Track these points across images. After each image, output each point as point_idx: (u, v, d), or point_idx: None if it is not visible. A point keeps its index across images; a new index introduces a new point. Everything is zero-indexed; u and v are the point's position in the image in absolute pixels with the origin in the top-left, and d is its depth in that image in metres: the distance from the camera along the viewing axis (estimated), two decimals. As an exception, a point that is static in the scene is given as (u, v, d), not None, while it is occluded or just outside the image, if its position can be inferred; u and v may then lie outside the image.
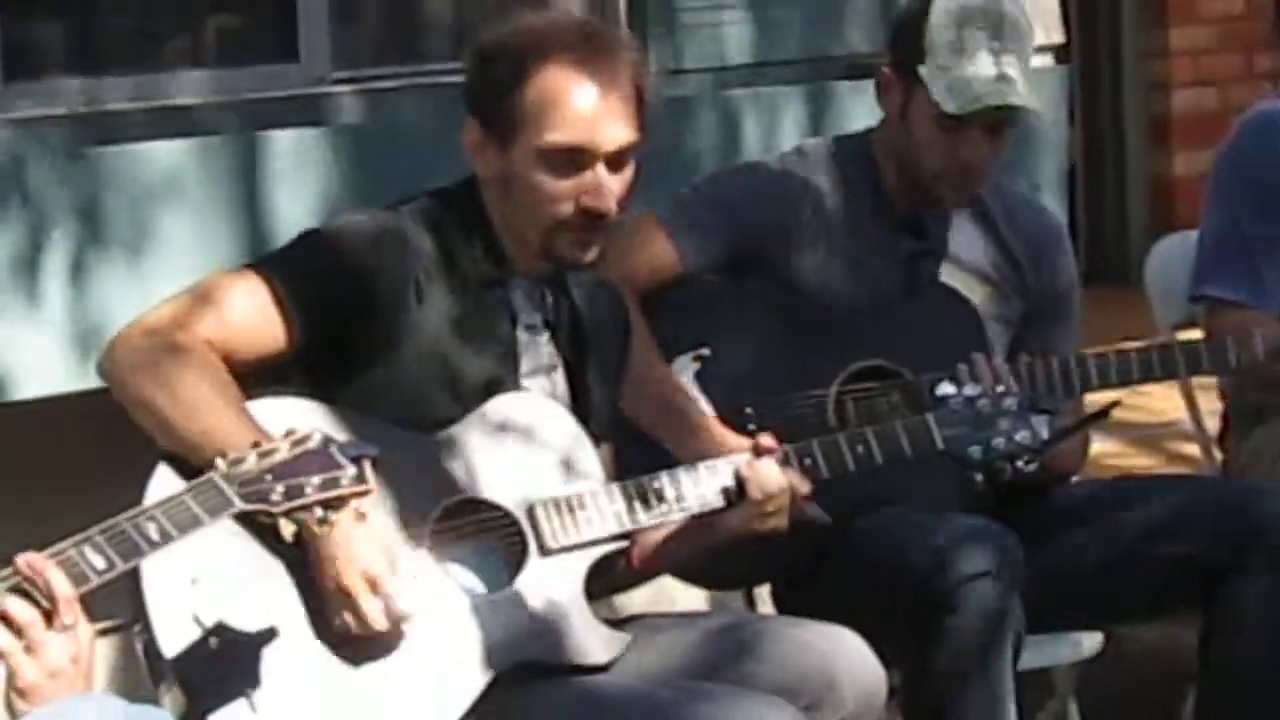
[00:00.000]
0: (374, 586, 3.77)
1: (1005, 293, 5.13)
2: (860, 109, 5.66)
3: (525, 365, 4.28)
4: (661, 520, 4.21)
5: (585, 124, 4.11)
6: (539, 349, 4.32)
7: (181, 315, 4.02)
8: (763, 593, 4.88)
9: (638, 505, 4.17)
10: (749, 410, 4.66)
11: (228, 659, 3.83)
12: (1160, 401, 6.03)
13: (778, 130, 6.43)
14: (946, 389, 4.37)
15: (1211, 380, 5.68)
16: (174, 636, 3.80)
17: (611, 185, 4.12)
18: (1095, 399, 5.18)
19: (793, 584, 4.79)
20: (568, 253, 4.16)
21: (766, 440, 4.22)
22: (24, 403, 5.29)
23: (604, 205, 4.11)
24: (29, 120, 5.85)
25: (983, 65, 4.93)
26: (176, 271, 5.08)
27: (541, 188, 4.12)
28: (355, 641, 3.86)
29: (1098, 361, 5.00)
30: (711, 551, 4.43)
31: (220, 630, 3.81)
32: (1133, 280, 6.33)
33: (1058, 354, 5.00)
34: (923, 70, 4.87)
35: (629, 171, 4.15)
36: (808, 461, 4.27)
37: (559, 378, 4.34)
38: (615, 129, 4.13)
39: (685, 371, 4.86)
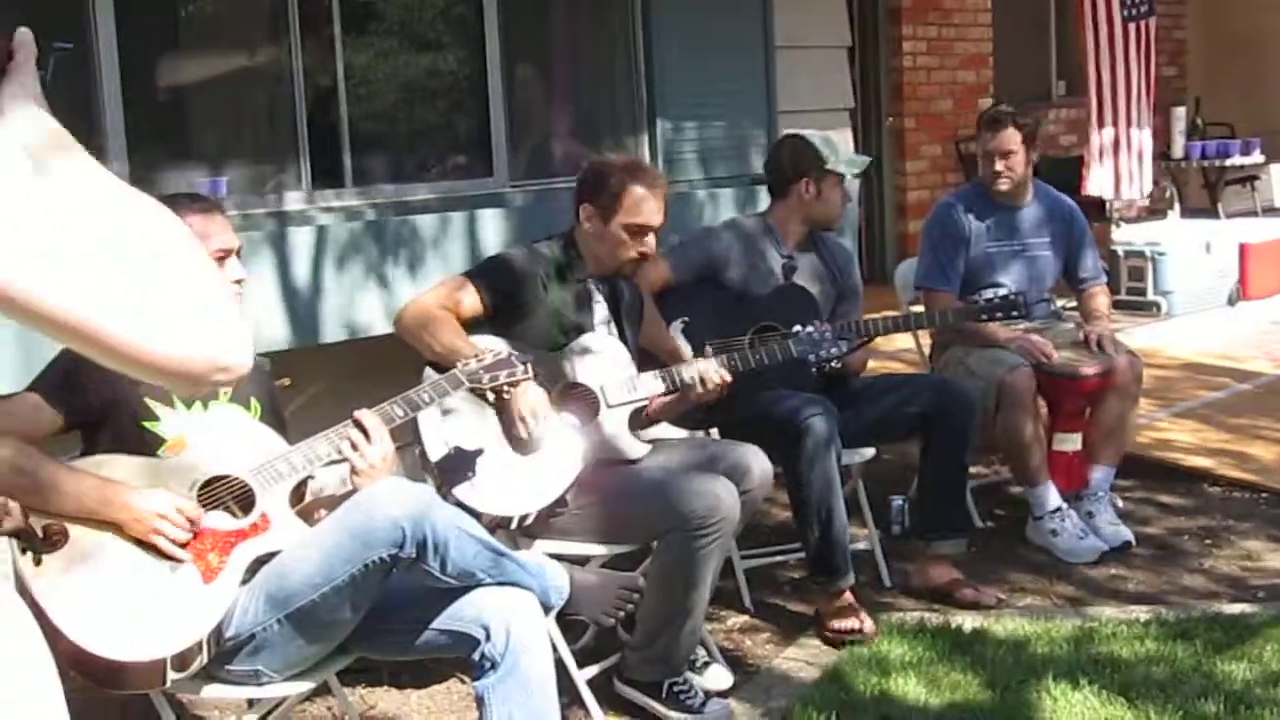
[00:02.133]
0: (539, 412, 3.88)
1: (827, 287, 5.10)
2: (760, 198, 5.43)
3: (597, 318, 4.29)
4: (662, 391, 4.23)
5: (650, 215, 4.21)
6: (602, 310, 4.31)
7: (433, 296, 4.12)
8: (714, 432, 4.80)
9: (653, 383, 4.21)
10: (707, 346, 4.43)
11: (460, 460, 3.88)
12: (901, 339, 6.00)
13: (721, 209, 6.39)
14: (798, 328, 4.47)
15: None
16: (435, 449, 3.93)
17: (652, 245, 4.25)
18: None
19: (727, 427, 4.70)
20: (628, 270, 4.30)
21: (709, 347, 4.40)
22: (371, 338, 5.35)
23: (650, 253, 4.28)
24: (366, 205, 5.90)
25: (848, 153, 5.24)
26: (433, 276, 5.12)
27: (625, 243, 4.20)
28: (523, 443, 3.92)
29: (871, 321, 5.04)
30: (685, 411, 4.44)
31: (456, 447, 3.88)
32: (890, 282, 6.08)
33: (853, 317, 5.03)
34: (829, 166, 4.96)
35: (655, 238, 4.29)
36: (732, 363, 4.30)
37: (611, 325, 4.32)
38: (658, 220, 4.24)
39: (676, 329, 4.74)
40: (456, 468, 3.88)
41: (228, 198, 5.43)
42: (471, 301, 4.10)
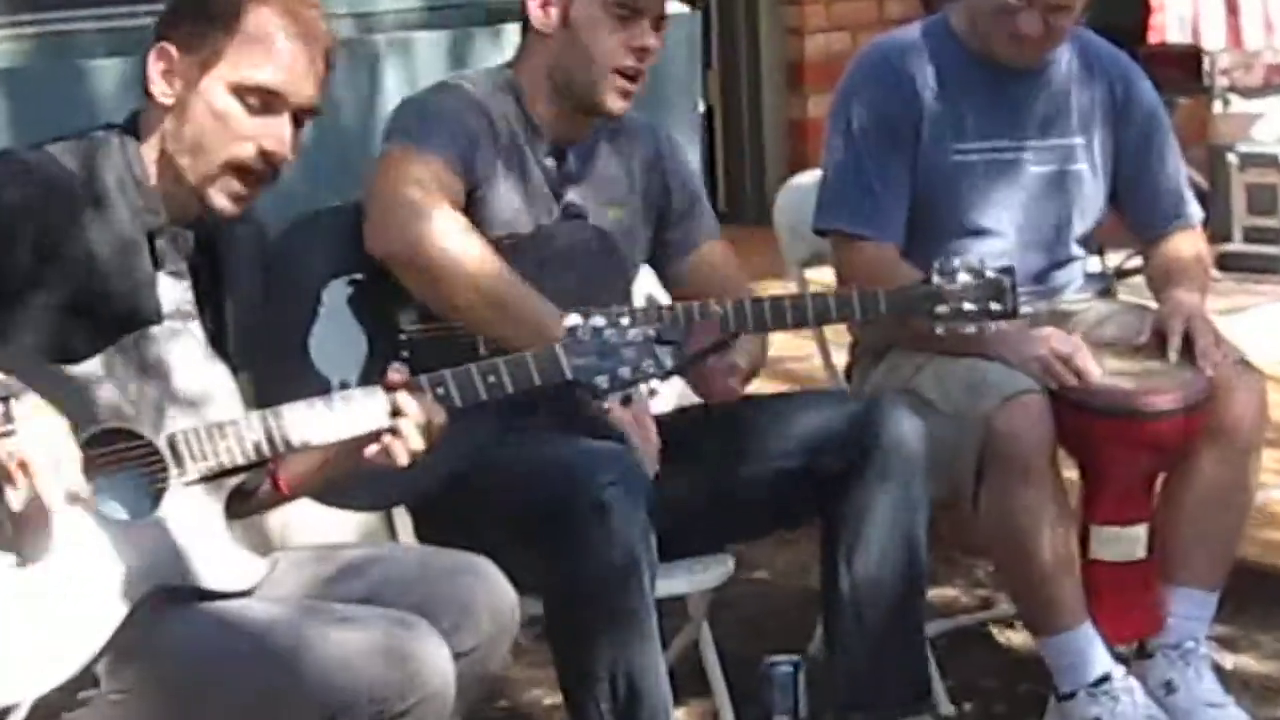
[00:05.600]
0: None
1: (634, 213, 4.37)
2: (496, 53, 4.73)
3: (166, 307, 3.62)
4: (301, 447, 3.56)
5: (289, 72, 3.57)
6: (180, 294, 3.67)
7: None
8: (406, 525, 4.17)
9: (276, 433, 3.53)
10: (403, 338, 3.95)
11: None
12: (798, 337, 5.19)
13: (418, 72, 5.64)
14: (574, 320, 3.67)
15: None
16: None
17: (290, 139, 3.60)
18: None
19: (427, 511, 4.06)
20: (220, 202, 3.55)
21: (393, 373, 3.53)
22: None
23: (284, 153, 3.56)
24: None
25: None
26: None
27: (229, 120, 3.55)
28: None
29: (737, 308, 4.16)
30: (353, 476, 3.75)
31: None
32: (768, 221, 5.28)
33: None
34: None
35: (302, 135, 3.63)
36: (440, 391, 3.60)
37: (195, 323, 3.69)
38: (310, 88, 3.58)
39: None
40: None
41: None
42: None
